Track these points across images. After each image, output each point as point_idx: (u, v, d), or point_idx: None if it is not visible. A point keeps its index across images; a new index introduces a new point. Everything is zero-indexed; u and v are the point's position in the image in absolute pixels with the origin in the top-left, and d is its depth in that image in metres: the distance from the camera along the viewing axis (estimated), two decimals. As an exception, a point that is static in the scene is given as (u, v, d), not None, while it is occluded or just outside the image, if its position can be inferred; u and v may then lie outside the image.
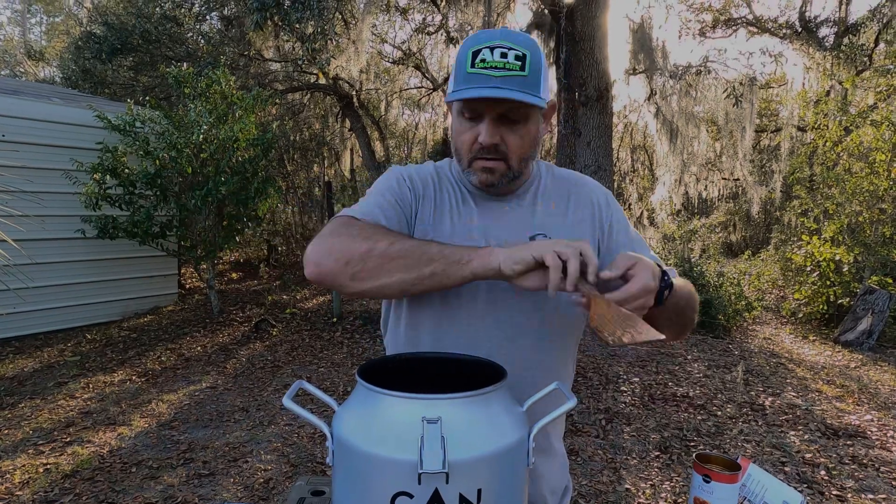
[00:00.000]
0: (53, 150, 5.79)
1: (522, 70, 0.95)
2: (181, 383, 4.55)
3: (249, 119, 6.15)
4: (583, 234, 1.12)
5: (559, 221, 1.12)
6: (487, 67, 0.94)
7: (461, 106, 1.00)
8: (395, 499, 0.66)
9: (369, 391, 0.73)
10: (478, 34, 0.99)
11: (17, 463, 3.14)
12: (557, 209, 1.13)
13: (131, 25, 9.20)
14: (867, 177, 7.07)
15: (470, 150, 1.02)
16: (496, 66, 0.94)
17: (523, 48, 0.96)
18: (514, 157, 1.02)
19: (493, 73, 0.94)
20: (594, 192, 1.18)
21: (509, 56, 0.95)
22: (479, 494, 0.68)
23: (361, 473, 0.69)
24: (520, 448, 0.73)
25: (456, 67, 1.00)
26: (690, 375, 4.86)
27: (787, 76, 12.00)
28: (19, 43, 21.64)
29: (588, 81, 7.86)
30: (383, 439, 0.68)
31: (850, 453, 3.42)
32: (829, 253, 6.96)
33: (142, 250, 6.35)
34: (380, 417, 0.70)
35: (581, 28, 7.75)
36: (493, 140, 0.99)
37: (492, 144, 0.99)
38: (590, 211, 1.15)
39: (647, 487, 3.00)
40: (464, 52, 0.98)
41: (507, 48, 0.95)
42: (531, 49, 0.97)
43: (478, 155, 1.02)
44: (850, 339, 6.22)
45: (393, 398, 0.70)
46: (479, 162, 1.02)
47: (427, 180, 1.13)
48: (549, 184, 1.16)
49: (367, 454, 0.68)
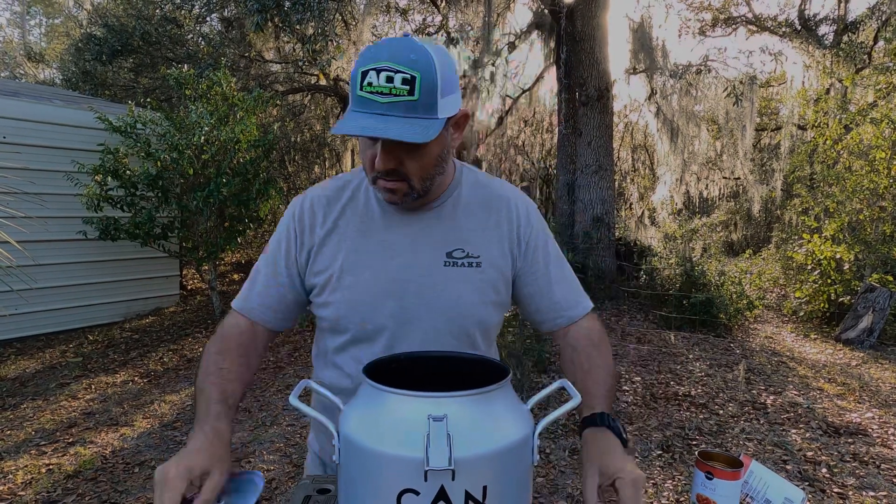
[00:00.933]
0: (54, 151, 5.80)
1: (411, 94, 0.88)
2: (183, 384, 4.56)
3: (250, 120, 6.16)
4: (500, 248, 1.11)
5: (478, 235, 1.10)
6: (374, 92, 0.88)
7: None
8: (401, 496, 0.67)
9: (375, 389, 0.73)
10: (370, 48, 0.91)
11: (20, 463, 3.15)
12: (479, 221, 1.11)
13: (131, 27, 9.22)
14: (867, 175, 7.07)
15: (371, 169, 0.98)
16: (381, 91, 0.88)
17: (412, 70, 0.88)
18: (416, 178, 0.98)
19: (378, 98, 0.88)
20: (517, 206, 1.14)
21: (395, 80, 0.87)
22: (484, 491, 0.68)
23: (368, 471, 0.70)
24: (524, 445, 0.74)
25: (351, 83, 0.93)
26: (692, 374, 4.86)
27: (787, 74, 12.01)
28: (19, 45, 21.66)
29: (588, 81, 7.87)
30: (389, 437, 0.69)
31: (851, 451, 3.42)
32: (829, 251, 6.96)
33: (143, 252, 6.36)
34: (386, 415, 0.71)
35: (581, 28, 7.76)
36: (387, 166, 0.95)
37: (386, 170, 0.96)
38: (508, 226, 1.12)
39: (648, 486, 3.01)
40: (356, 70, 0.91)
41: (392, 71, 0.87)
42: (423, 68, 0.88)
43: (379, 177, 0.98)
44: (851, 337, 6.22)
45: (399, 396, 0.71)
46: (380, 182, 0.99)
47: (319, 209, 1.11)
48: (470, 193, 1.13)
49: (373, 452, 0.69)
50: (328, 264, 1.08)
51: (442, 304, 1.06)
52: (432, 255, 1.07)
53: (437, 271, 1.06)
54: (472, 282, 1.07)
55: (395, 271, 1.06)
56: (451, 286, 1.06)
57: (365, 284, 1.05)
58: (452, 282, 1.06)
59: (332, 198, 1.12)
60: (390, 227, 1.08)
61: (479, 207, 1.12)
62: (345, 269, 1.06)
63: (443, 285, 1.06)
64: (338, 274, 1.06)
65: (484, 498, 0.68)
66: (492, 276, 1.09)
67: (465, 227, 1.10)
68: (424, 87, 0.89)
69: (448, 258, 1.07)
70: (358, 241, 1.07)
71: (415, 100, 0.89)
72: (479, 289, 1.08)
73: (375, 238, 1.07)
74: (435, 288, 1.06)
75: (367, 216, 1.09)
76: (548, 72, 9.73)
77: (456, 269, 1.07)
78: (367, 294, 1.05)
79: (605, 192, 8.07)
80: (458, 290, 1.06)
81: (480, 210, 1.12)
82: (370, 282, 1.05)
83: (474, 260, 1.08)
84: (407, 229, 1.08)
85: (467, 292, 1.07)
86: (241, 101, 6.24)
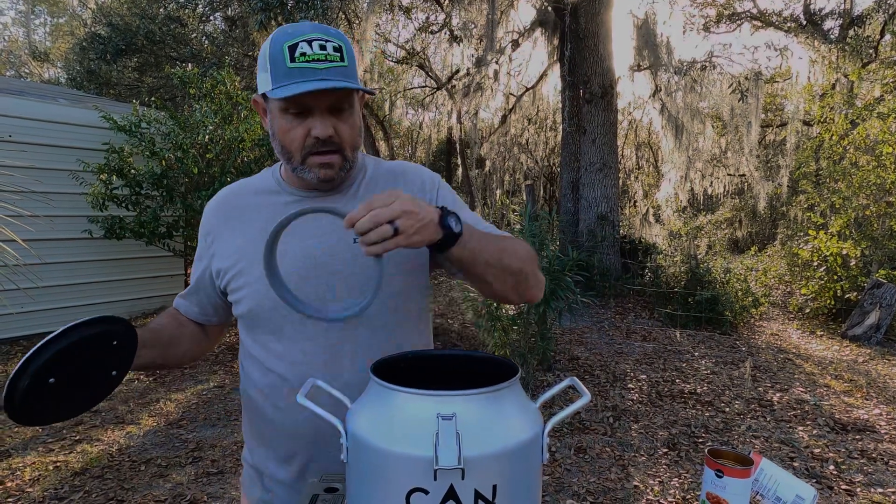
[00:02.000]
0: (60, 150, 5.82)
1: (342, 60, 0.96)
2: (189, 383, 4.57)
3: (255, 119, 6.16)
4: None
5: None
6: (310, 60, 0.93)
7: (285, 103, 0.97)
8: (410, 495, 0.67)
9: (383, 388, 0.73)
10: (284, 28, 0.97)
11: (28, 460, 3.16)
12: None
13: (135, 26, 9.24)
14: (874, 170, 7.04)
15: (303, 146, 1.00)
16: (318, 58, 0.94)
17: (338, 39, 0.97)
18: (348, 146, 1.02)
19: (316, 65, 0.94)
20: (420, 176, 1.16)
21: (328, 48, 0.95)
22: (494, 490, 0.68)
23: (376, 470, 0.69)
24: (534, 444, 0.73)
25: (270, 64, 0.96)
26: (698, 372, 4.85)
27: (793, 70, 11.93)
28: (24, 44, 21.74)
29: (592, 78, 7.85)
30: (398, 436, 0.68)
31: (858, 448, 3.40)
32: (836, 247, 6.93)
33: (149, 250, 6.38)
34: (394, 414, 0.70)
35: (585, 25, 7.74)
36: (328, 132, 0.98)
37: (328, 136, 0.98)
38: (419, 193, 1.13)
39: (655, 484, 3.00)
40: (277, 48, 0.95)
41: (324, 40, 0.95)
42: (344, 41, 0.98)
43: (312, 150, 1.00)
44: (857, 333, 6.20)
45: (407, 395, 0.70)
46: (314, 158, 1.00)
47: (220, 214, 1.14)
48: (376, 174, 1.15)
49: (382, 451, 0.68)
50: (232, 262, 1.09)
51: (361, 281, 1.04)
52: (340, 237, 1.06)
53: (349, 250, 1.05)
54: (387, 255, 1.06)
55: (305, 257, 1.05)
56: (365, 261, 1.02)
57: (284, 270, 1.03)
58: (361, 258, 1.04)
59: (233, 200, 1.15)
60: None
61: (386, 184, 1.13)
62: (249, 264, 1.06)
63: (357, 263, 1.05)
64: (244, 266, 1.07)
65: (494, 497, 0.68)
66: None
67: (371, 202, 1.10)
68: (350, 56, 0.98)
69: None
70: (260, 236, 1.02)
71: (346, 66, 0.97)
72: (395, 260, 1.06)
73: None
74: (349, 266, 1.05)
75: (271, 211, 1.09)
76: (551, 69, 9.71)
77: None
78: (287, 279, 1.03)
79: (609, 190, 8.05)
80: (364, 263, 1.04)
81: (387, 184, 1.13)
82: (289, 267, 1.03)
83: None
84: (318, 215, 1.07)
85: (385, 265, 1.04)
86: (246, 100, 6.25)
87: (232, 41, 10.32)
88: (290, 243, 1.04)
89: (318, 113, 0.97)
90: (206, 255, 1.15)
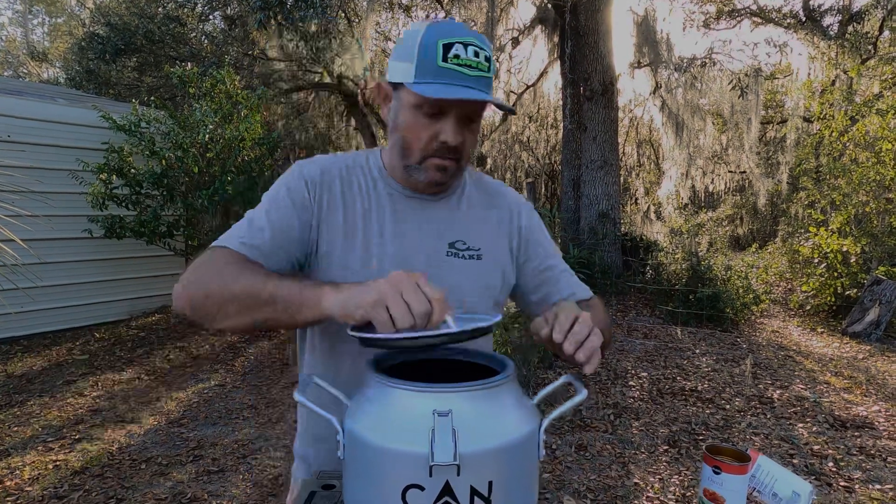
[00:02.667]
0: (59, 150, 5.82)
1: (488, 72, 0.95)
2: (190, 381, 4.57)
3: (255, 118, 6.16)
4: (500, 244, 1.12)
5: (480, 228, 1.11)
6: (462, 65, 0.91)
7: (421, 101, 0.93)
8: (406, 491, 0.67)
9: (380, 384, 0.73)
10: (440, 24, 0.94)
11: (27, 459, 3.17)
12: (480, 216, 1.12)
13: (134, 26, 9.23)
14: (874, 166, 7.03)
15: (427, 147, 0.97)
16: (470, 64, 0.92)
17: (488, 50, 0.96)
18: (465, 156, 1.01)
19: (467, 71, 0.91)
20: (516, 202, 1.18)
21: (481, 56, 0.93)
22: (490, 487, 0.68)
23: (372, 466, 0.69)
24: (530, 440, 0.73)
25: (419, 55, 0.92)
26: (699, 369, 4.85)
27: (793, 66, 11.92)
28: (22, 44, 21.73)
29: (593, 76, 7.84)
30: (394, 432, 0.68)
31: (857, 444, 3.41)
32: (836, 244, 6.93)
33: (149, 250, 6.38)
34: (391, 410, 0.70)
35: (585, 22, 7.72)
36: (457, 140, 0.96)
37: (459, 144, 0.96)
38: (508, 223, 1.14)
39: (655, 481, 3.00)
40: (430, 41, 0.92)
41: (478, 47, 0.93)
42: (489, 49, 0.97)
43: (435, 153, 0.98)
44: (857, 330, 6.19)
45: (404, 391, 0.70)
46: (434, 160, 0.98)
47: (334, 178, 1.06)
48: (474, 189, 1.15)
49: (377, 447, 0.68)
50: (330, 238, 1.03)
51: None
52: (435, 245, 1.06)
53: (440, 261, 1.05)
54: (472, 274, 1.07)
55: (397, 256, 1.03)
56: (451, 276, 1.04)
57: (361, 264, 1.02)
58: (453, 272, 1.05)
59: (344, 171, 1.08)
60: (396, 212, 1.06)
61: (482, 203, 1.14)
62: (345, 248, 1.03)
63: (444, 274, 1.04)
64: (339, 251, 1.02)
65: (489, 493, 0.68)
66: (491, 271, 1.10)
67: (468, 219, 1.10)
68: (493, 68, 0.97)
69: (450, 248, 1.07)
70: (361, 221, 1.04)
71: (490, 77, 0.96)
72: (478, 281, 1.08)
73: (379, 221, 1.04)
74: (436, 276, 1.02)
75: (374, 199, 1.06)
76: (552, 67, 9.69)
77: (458, 259, 1.06)
78: (363, 275, 1.00)
79: (610, 188, 8.04)
80: (458, 280, 1.05)
81: (483, 205, 1.13)
82: (368, 262, 1.02)
83: (475, 252, 1.08)
84: (412, 216, 1.06)
85: (467, 284, 1.06)
86: (245, 100, 6.25)
87: (231, 40, 10.31)
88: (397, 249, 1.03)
89: (452, 119, 0.95)
90: (310, 204, 1.02)
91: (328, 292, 0.80)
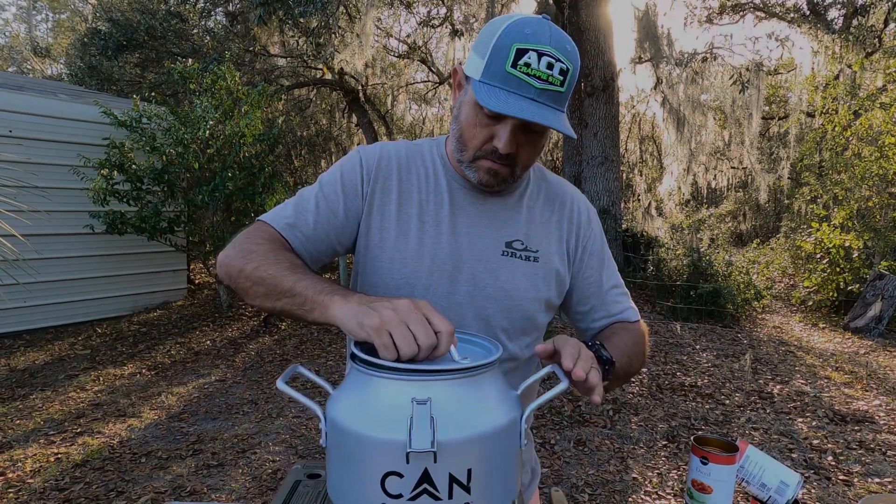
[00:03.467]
0: (60, 145, 5.84)
1: (562, 86, 0.89)
2: (190, 376, 4.59)
3: (255, 114, 6.17)
4: (558, 247, 1.09)
5: (539, 230, 1.08)
6: (530, 75, 0.86)
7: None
8: (385, 479, 0.67)
9: (360, 372, 0.73)
10: (523, 24, 0.88)
11: (29, 452, 3.19)
12: (541, 217, 1.09)
13: (136, 22, 9.24)
14: (877, 161, 7.00)
15: (480, 148, 0.95)
16: (539, 76, 0.86)
17: (569, 62, 0.89)
18: (521, 166, 0.98)
19: (534, 82, 0.87)
20: (578, 208, 1.13)
21: (555, 69, 0.87)
22: (468, 474, 0.68)
23: (352, 454, 0.70)
24: (511, 429, 0.73)
25: (491, 54, 0.89)
26: (698, 365, 4.85)
27: (795, 61, 11.88)
28: (25, 40, 21.77)
29: (594, 71, 7.82)
30: (373, 419, 0.68)
31: (857, 438, 3.40)
32: (838, 239, 6.90)
33: (150, 246, 6.40)
34: (371, 398, 0.70)
35: (585, 17, 7.69)
36: (510, 150, 0.93)
37: (509, 154, 0.94)
38: (568, 226, 1.10)
39: (653, 476, 3.01)
40: (506, 43, 0.88)
41: (555, 59, 0.87)
42: (574, 63, 0.90)
43: (487, 156, 0.95)
44: (859, 325, 6.18)
45: (383, 379, 0.70)
46: (485, 162, 0.96)
47: (392, 166, 1.05)
48: (537, 189, 1.11)
49: (357, 434, 0.68)
50: (382, 227, 1.02)
51: (495, 292, 1.02)
52: (491, 242, 1.03)
53: (494, 259, 1.03)
54: (527, 275, 1.04)
55: (451, 254, 1.02)
56: (505, 276, 1.03)
57: (414, 256, 1.01)
58: (508, 272, 1.03)
59: (403, 159, 1.07)
60: (454, 205, 1.04)
61: (543, 203, 1.10)
62: (398, 240, 1.02)
63: (498, 273, 1.02)
64: (391, 242, 1.02)
65: (469, 481, 0.68)
66: (547, 273, 1.07)
67: (527, 219, 1.07)
68: (571, 82, 0.90)
69: (507, 248, 1.04)
70: (417, 212, 1.03)
71: (562, 92, 0.89)
72: (533, 283, 1.05)
73: (436, 214, 1.03)
74: (490, 274, 1.02)
75: (432, 189, 1.05)
76: (553, 62, 9.65)
77: (513, 259, 1.04)
78: (414, 267, 1.00)
79: (611, 184, 8.03)
80: (512, 280, 1.03)
81: (543, 206, 1.10)
82: (421, 255, 1.01)
83: (532, 254, 1.05)
84: (471, 210, 1.04)
85: (522, 284, 1.04)
86: (246, 96, 6.25)
87: (233, 36, 10.31)
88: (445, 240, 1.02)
89: (509, 126, 0.91)
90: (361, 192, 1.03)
91: (337, 301, 0.79)
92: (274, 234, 0.97)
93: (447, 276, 1.01)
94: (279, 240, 0.96)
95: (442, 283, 1.01)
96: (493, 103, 0.86)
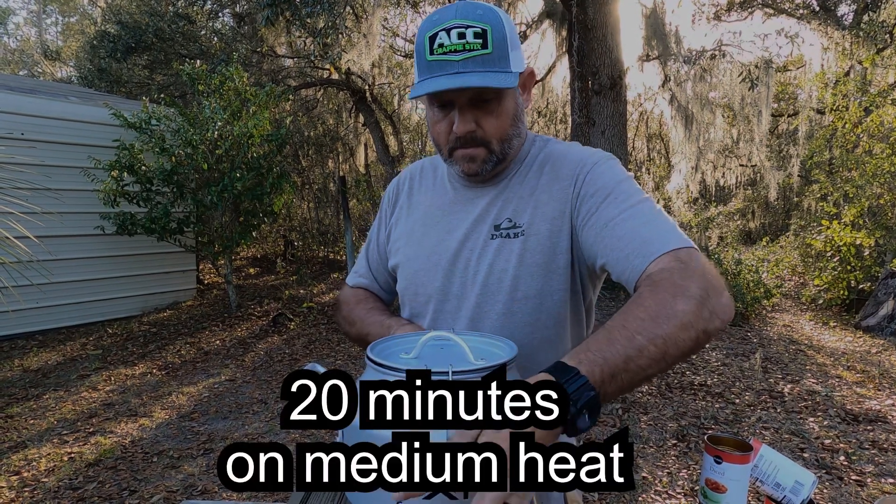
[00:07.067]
0: (71, 147, 5.89)
1: (485, 47, 0.88)
2: (201, 376, 4.62)
3: (263, 115, 6.19)
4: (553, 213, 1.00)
5: (530, 200, 1.02)
6: (447, 52, 0.88)
7: (429, 97, 0.94)
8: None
9: (375, 370, 0.74)
10: (432, 15, 0.91)
11: (43, 451, 3.22)
12: (535, 185, 1.03)
13: (145, 24, 9.29)
14: (888, 158, 6.93)
15: (447, 140, 0.97)
16: (455, 48, 0.87)
17: (482, 23, 0.88)
18: (495, 140, 0.96)
19: (453, 57, 0.87)
20: (578, 164, 1.02)
21: (468, 35, 0.87)
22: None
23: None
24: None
25: (416, 56, 0.92)
26: (708, 364, 4.82)
27: (805, 58, 11.77)
28: (36, 43, 21.95)
29: (601, 69, 7.79)
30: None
31: (870, 438, 3.37)
32: (849, 237, 6.84)
33: (160, 246, 6.44)
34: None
35: (593, 15, 7.67)
36: (467, 128, 0.93)
37: (467, 133, 0.94)
38: (567, 186, 1.01)
39: (663, 476, 3.00)
40: (420, 38, 0.91)
41: (464, 27, 0.87)
42: (492, 21, 0.89)
43: (456, 145, 0.96)
44: (871, 324, 6.12)
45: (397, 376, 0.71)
46: (458, 151, 0.97)
47: (406, 180, 1.20)
48: (536, 159, 1.06)
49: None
50: (398, 236, 1.16)
51: (480, 277, 1.02)
52: (480, 230, 1.04)
53: (483, 246, 1.03)
54: (514, 254, 1.01)
55: (450, 246, 1.06)
56: (491, 258, 1.02)
57: (420, 257, 1.09)
58: (492, 254, 1.02)
59: (418, 171, 1.20)
60: (457, 202, 1.09)
61: (543, 173, 1.04)
62: (409, 241, 1.12)
63: (483, 258, 1.03)
64: (402, 245, 1.14)
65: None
66: (537, 246, 1.00)
67: (519, 194, 1.04)
68: (496, 40, 0.89)
69: (495, 230, 1.03)
70: (425, 215, 1.12)
71: (489, 52, 0.88)
72: (524, 261, 1.00)
73: (440, 213, 1.10)
74: (479, 262, 1.03)
75: (438, 192, 1.13)
76: (560, 61, 9.64)
77: (500, 240, 1.02)
78: (420, 266, 1.09)
79: (619, 181, 7.99)
80: (499, 262, 1.01)
81: (540, 176, 1.04)
82: (426, 254, 1.08)
83: (518, 230, 1.01)
84: (471, 206, 1.07)
85: (511, 264, 1.01)
86: (254, 96, 6.28)
87: (240, 37, 10.36)
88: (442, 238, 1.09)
89: (458, 108, 0.93)
90: (386, 216, 1.23)
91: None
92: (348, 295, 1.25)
93: (444, 271, 1.06)
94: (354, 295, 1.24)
95: (439, 276, 1.06)
96: (416, 91, 0.90)
